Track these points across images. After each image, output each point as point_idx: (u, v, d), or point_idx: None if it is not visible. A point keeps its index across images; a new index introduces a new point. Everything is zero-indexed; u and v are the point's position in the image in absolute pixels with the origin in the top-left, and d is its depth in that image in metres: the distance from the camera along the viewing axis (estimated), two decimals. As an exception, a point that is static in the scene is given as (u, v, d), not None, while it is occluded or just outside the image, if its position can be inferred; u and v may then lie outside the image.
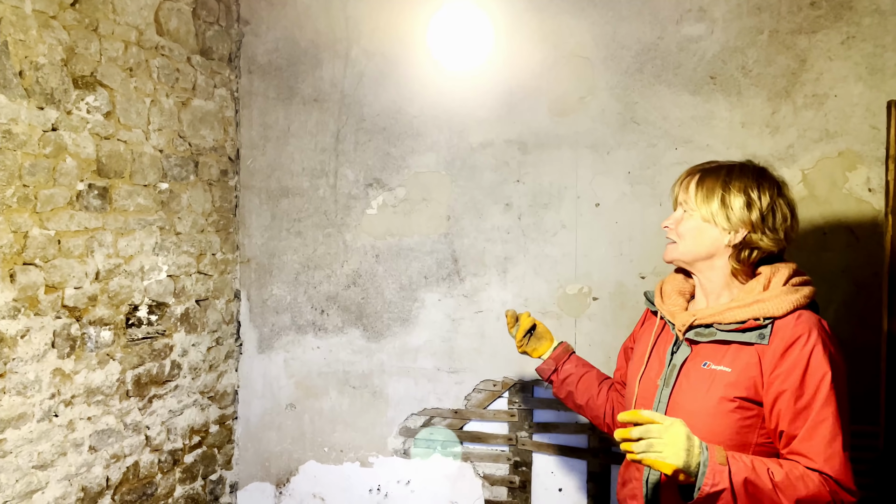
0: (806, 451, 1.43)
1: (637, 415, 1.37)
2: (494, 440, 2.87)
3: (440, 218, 2.92)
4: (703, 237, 1.61)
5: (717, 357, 1.55)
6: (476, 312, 2.88)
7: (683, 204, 1.64)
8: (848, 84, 2.55)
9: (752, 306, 1.52)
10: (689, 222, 1.63)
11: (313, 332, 3.08)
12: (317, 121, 3.04)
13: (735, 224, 1.57)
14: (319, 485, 3.09)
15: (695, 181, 1.63)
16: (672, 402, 1.57)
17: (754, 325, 1.51)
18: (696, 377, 1.56)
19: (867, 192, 2.54)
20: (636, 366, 1.73)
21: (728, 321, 1.54)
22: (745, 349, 1.53)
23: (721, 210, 1.58)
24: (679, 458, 1.33)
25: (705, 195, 1.60)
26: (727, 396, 1.51)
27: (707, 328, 1.58)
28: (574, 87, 2.77)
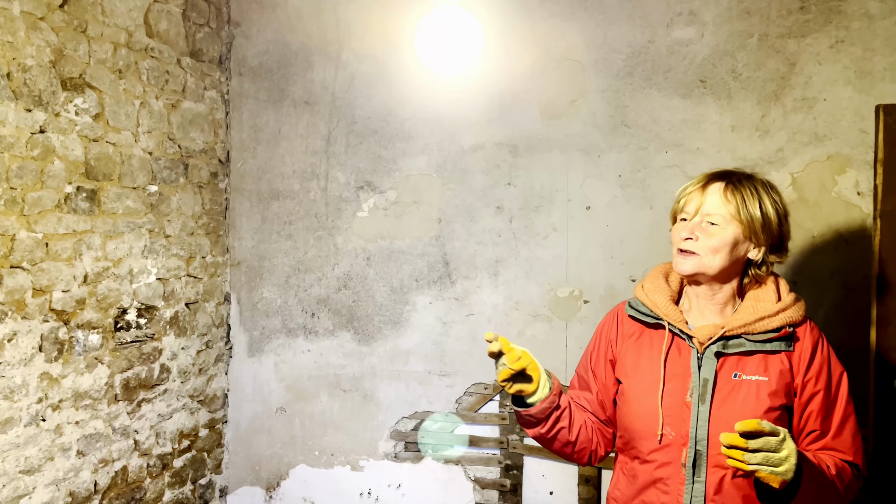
0: (839, 446, 1.53)
1: (758, 425, 1.29)
2: (486, 443, 2.86)
3: (431, 221, 2.91)
4: (736, 251, 1.55)
5: (746, 368, 1.53)
6: (467, 315, 2.88)
7: (710, 215, 1.53)
8: (837, 88, 2.56)
9: (780, 315, 1.53)
10: (721, 235, 1.53)
11: (304, 336, 3.07)
12: (307, 123, 3.04)
13: (767, 238, 1.55)
14: (310, 489, 3.08)
15: (723, 190, 1.54)
16: (714, 419, 1.50)
17: (786, 334, 1.52)
18: (734, 390, 1.51)
19: (856, 196, 2.55)
20: (646, 382, 1.60)
21: (760, 331, 1.53)
22: (772, 357, 1.53)
23: (761, 223, 1.53)
24: (791, 473, 1.32)
25: (740, 204, 1.52)
26: (773, 406, 1.50)
27: (735, 339, 1.54)
28: (565, 90, 2.77)
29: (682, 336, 1.59)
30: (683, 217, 1.59)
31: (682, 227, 1.58)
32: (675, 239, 1.60)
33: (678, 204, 1.61)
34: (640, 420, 1.60)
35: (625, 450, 1.66)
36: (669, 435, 1.55)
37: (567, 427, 1.63)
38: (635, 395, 1.61)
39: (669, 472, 1.54)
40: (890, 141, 2.01)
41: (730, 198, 1.53)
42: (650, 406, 1.57)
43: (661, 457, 1.56)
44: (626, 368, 1.65)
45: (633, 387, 1.63)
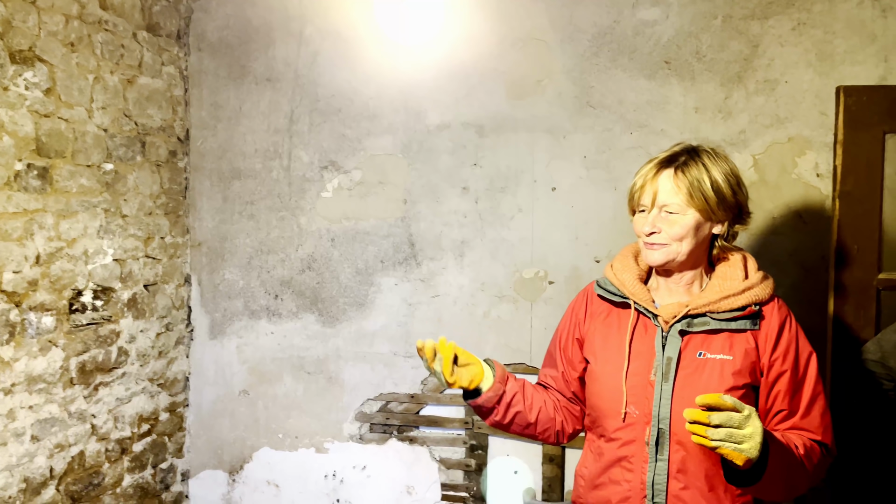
0: (807, 426, 1.52)
1: (720, 399, 1.28)
2: (451, 424, 2.87)
3: (397, 201, 2.88)
4: (700, 232, 1.56)
5: (711, 346, 1.54)
6: (433, 297, 2.86)
7: (666, 204, 1.53)
8: (798, 70, 2.59)
9: (746, 294, 1.54)
10: (682, 222, 1.53)
11: (267, 318, 3.03)
12: (270, 101, 2.97)
13: (726, 213, 1.56)
14: (274, 471, 3.05)
15: (673, 177, 1.53)
16: (677, 397, 1.51)
17: (752, 312, 1.52)
18: (698, 369, 1.52)
19: (815, 178, 2.59)
20: (612, 362, 1.60)
21: (724, 309, 1.53)
22: (737, 336, 1.53)
23: (716, 202, 1.53)
24: (756, 451, 1.30)
25: (696, 188, 1.52)
26: (736, 385, 1.51)
27: (699, 318, 1.55)
28: (531, 70, 2.75)
29: (647, 315, 1.60)
30: (641, 209, 1.59)
31: (642, 220, 1.58)
32: (637, 231, 1.60)
33: (633, 196, 1.60)
34: (605, 399, 1.61)
35: (592, 428, 1.67)
36: (633, 413, 1.56)
37: (523, 410, 1.66)
38: (601, 374, 1.62)
39: (633, 450, 1.56)
40: (849, 122, 2.04)
41: (680, 185, 1.52)
42: (615, 385, 1.58)
43: (625, 435, 1.57)
44: (594, 347, 1.66)
45: (600, 366, 1.64)
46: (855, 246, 2.06)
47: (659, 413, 1.53)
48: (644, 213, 1.58)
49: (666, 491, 1.52)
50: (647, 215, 1.57)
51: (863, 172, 2.04)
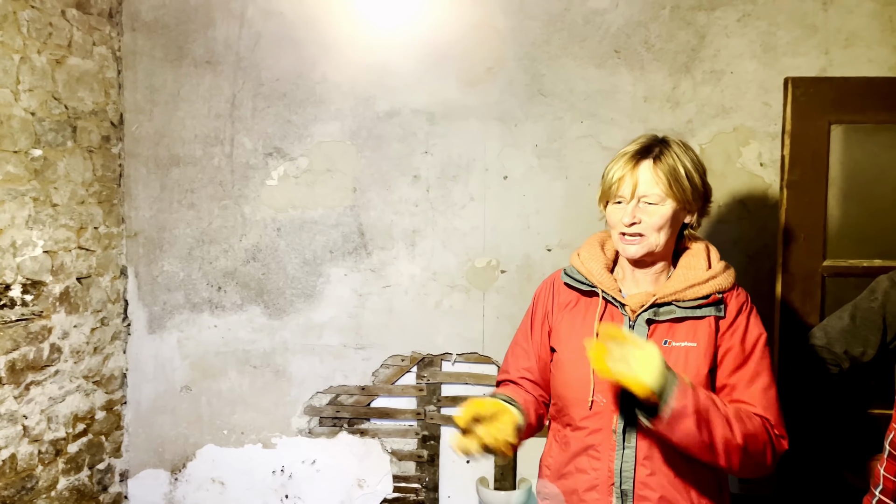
0: (747, 399, 1.52)
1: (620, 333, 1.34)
2: (403, 415, 2.83)
3: (346, 190, 2.81)
4: (675, 223, 1.59)
5: (676, 334, 1.55)
6: (384, 287, 2.81)
7: (646, 195, 1.54)
8: (743, 61, 2.64)
9: (710, 282, 1.56)
10: (661, 212, 1.55)
11: (209, 310, 2.91)
12: (210, 84, 2.84)
13: (697, 203, 1.60)
14: (218, 469, 2.95)
15: (653, 167, 1.55)
16: None
17: (716, 300, 1.55)
18: (666, 357, 1.50)
19: (759, 167, 2.65)
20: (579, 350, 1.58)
21: (690, 298, 1.55)
22: (701, 323, 1.55)
23: (691, 191, 1.57)
24: (654, 380, 1.34)
25: (674, 178, 1.54)
26: (702, 370, 1.53)
27: (665, 306, 1.57)
28: (482, 57, 2.72)
29: (615, 304, 1.60)
30: (618, 200, 1.59)
31: (620, 211, 1.58)
32: (613, 222, 1.60)
33: (610, 187, 1.59)
34: (572, 388, 1.61)
35: (558, 417, 1.67)
36: (600, 402, 1.56)
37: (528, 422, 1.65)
38: (568, 363, 1.62)
39: (600, 438, 1.56)
40: (797, 113, 2.09)
41: (660, 175, 1.54)
42: (582, 374, 1.58)
43: (592, 424, 1.57)
44: (561, 336, 1.66)
45: (567, 354, 1.63)
46: (801, 234, 2.11)
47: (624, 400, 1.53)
48: (621, 205, 1.58)
49: (633, 478, 1.53)
50: (625, 206, 1.57)
51: (809, 162, 2.09)
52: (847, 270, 2.15)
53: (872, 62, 2.55)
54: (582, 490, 1.58)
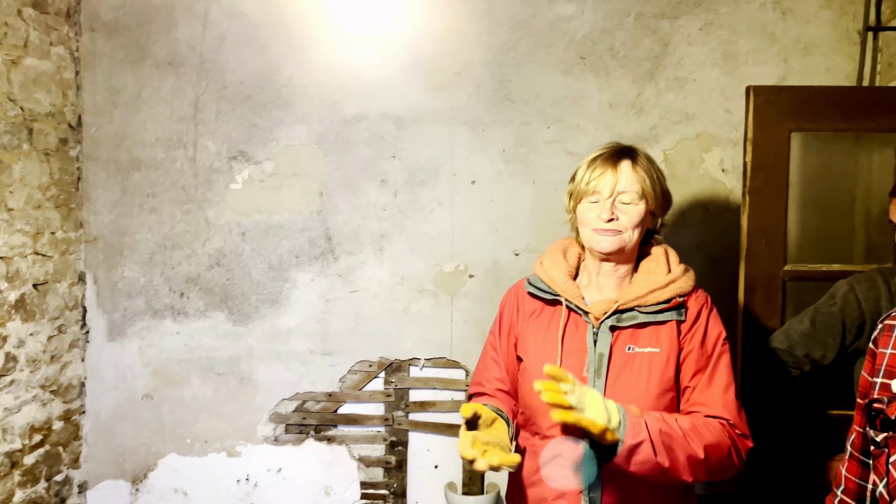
0: (704, 400, 1.54)
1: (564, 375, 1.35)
2: (370, 421, 2.81)
3: (312, 194, 2.78)
4: (645, 224, 1.63)
5: (639, 340, 1.57)
6: (351, 292, 2.79)
7: (624, 193, 1.58)
8: (706, 69, 2.69)
9: (670, 286, 1.59)
10: (637, 210, 1.59)
11: (172, 317, 2.85)
12: (172, 86, 2.79)
13: (662, 208, 1.66)
14: (181, 479, 2.89)
15: (631, 167, 1.60)
16: (609, 393, 1.53)
17: (677, 304, 1.57)
18: (628, 363, 1.55)
19: (721, 173, 2.71)
20: (545, 359, 1.60)
21: (651, 303, 1.57)
22: (663, 328, 1.58)
23: (660, 195, 1.64)
24: (603, 417, 1.36)
25: (647, 181, 1.59)
26: (665, 376, 1.55)
27: (628, 312, 1.58)
28: (450, 61, 2.72)
29: (578, 312, 1.61)
30: (595, 199, 1.61)
31: (596, 207, 1.60)
32: (588, 219, 1.62)
33: (587, 185, 1.61)
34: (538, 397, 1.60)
35: (526, 426, 1.67)
36: None
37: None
38: (534, 373, 1.61)
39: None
40: (759, 121, 2.13)
41: (638, 175, 1.59)
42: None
43: (559, 432, 1.58)
44: (527, 346, 1.66)
45: (533, 365, 1.63)
46: (763, 239, 2.16)
47: None
48: (597, 203, 1.60)
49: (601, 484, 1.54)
50: (602, 203, 1.59)
51: (770, 169, 2.14)
52: (807, 275, 2.20)
53: (830, 71, 2.63)
54: (551, 498, 1.59)
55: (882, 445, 1.13)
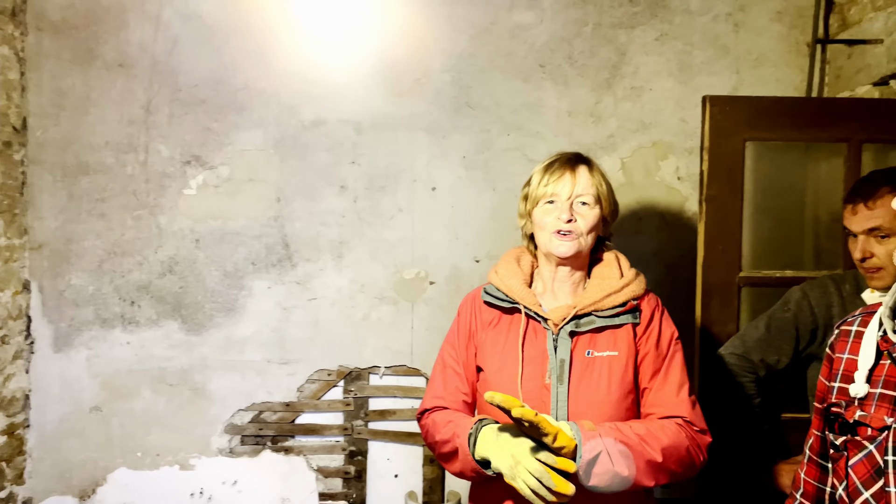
0: (659, 401, 1.57)
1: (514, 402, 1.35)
2: (329, 431, 2.77)
3: (269, 200, 2.73)
4: (598, 229, 1.66)
5: (597, 345, 1.58)
6: (310, 300, 2.75)
7: (581, 195, 1.62)
8: (661, 78, 2.73)
9: (625, 290, 1.61)
10: (593, 213, 1.63)
11: (122, 326, 2.76)
12: (123, 89, 2.70)
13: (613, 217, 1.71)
14: (132, 493, 2.79)
15: (588, 172, 1.64)
16: (573, 398, 1.54)
17: (632, 307, 1.58)
18: (589, 367, 1.56)
19: (676, 181, 2.75)
20: (506, 368, 1.61)
21: (608, 307, 1.59)
22: (620, 331, 1.60)
23: (613, 203, 1.69)
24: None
25: (600, 187, 1.64)
26: (625, 378, 1.56)
27: (586, 317, 1.60)
28: (410, 67, 2.71)
29: (537, 319, 1.62)
30: (551, 200, 1.62)
31: (554, 209, 1.61)
32: (545, 223, 1.62)
33: (545, 188, 1.62)
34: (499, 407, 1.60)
35: None
36: None
37: None
38: (496, 382, 1.61)
39: None
40: (715, 130, 2.17)
41: (595, 179, 1.63)
42: (511, 391, 1.58)
43: None
44: (486, 356, 1.65)
45: (494, 373, 1.63)
46: (719, 246, 2.20)
47: (557, 415, 1.55)
48: (554, 205, 1.61)
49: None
50: (559, 205, 1.61)
51: (726, 177, 2.18)
52: (761, 281, 2.25)
53: (780, 82, 2.70)
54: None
55: (841, 449, 1.15)
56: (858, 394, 1.13)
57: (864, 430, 1.10)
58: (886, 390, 1.10)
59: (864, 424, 1.10)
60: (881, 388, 1.11)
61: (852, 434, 1.13)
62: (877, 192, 1.80)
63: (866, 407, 1.12)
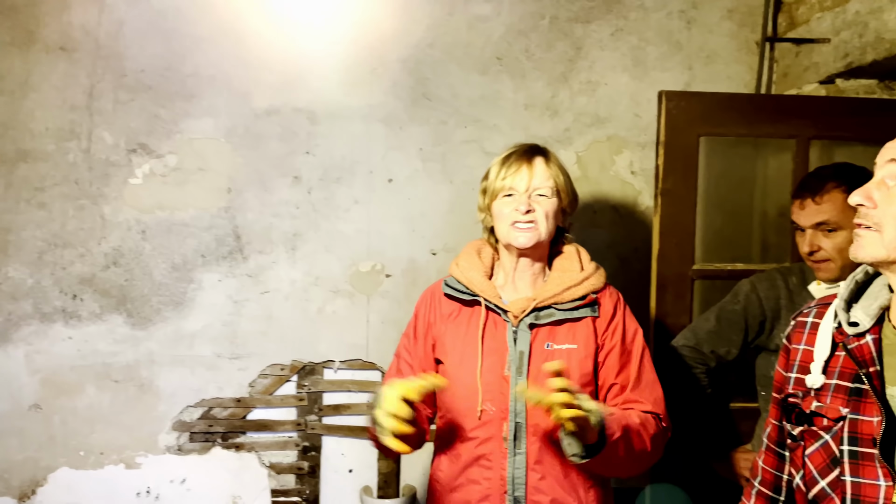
0: (638, 397, 1.60)
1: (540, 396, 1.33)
2: (282, 427, 2.71)
3: (220, 190, 2.65)
4: (557, 219, 1.67)
5: (557, 337, 1.59)
6: (262, 293, 2.68)
7: (539, 188, 1.61)
8: (616, 73, 2.76)
9: (584, 283, 1.62)
10: (551, 204, 1.63)
11: (63, 321, 2.65)
12: (65, 73, 2.59)
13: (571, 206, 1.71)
14: (74, 493, 2.69)
15: (545, 164, 1.64)
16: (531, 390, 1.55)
17: (591, 301, 1.58)
18: (548, 360, 1.54)
19: (630, 175, 2.79)
20: (465, 360, 1.60)
21: (567, 300, 1.59)
22: (579, 324, 1.60)
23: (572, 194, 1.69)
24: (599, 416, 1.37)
25: (558, 178, 1.64)
26: (585, 371, 1.57)
27: (545, 310, 1.59)
28: (366, 57, 2.66)
29: (497, 311, 1.61)
30: (510, 193, 1.62)
31: (513, 202, 1.61)
32: (504, 214, 1.62)
33: (503, 181, 1.62)
34: (460, 399, 1.60)
35: (446, 429, 1.65)
36: (490, 410, 1.57)
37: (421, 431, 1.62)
38: (455, 375, 1.61)
39: (491, 447, 1.56)
40: (670, 125, 2.20)
41: (552, 171, 1.64)
42: (470, 384, 1.58)
43: (482, 433, 1.57)
44: (446, 348, 1.65)
45: (453, 366, 1.62)
46: (674, 240, 2.24)
47: (515, 407, 1.55)
48: (513, 197, 1.61)
49: (525, 483, 1.55)
50: (518, 197, 1.60)
51: (681, 172, 2.22)
52: (713, 273, 2.30)
53: (731, 79, 2.76)
54: (475, 501, 1.58)
55: (798, 438, 1.17)
56: (814, 385, 1.15)
57: (821, 420, 1.13)
58: (842, 381, 1.13)
59: (820, 415, 1.13)
60: (836, 380, 1.13)
61: (809, 424, 1.15)
62: (824, 188, 1.85)
63: (822, 398, 1.14)
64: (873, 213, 1.08)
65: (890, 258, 1.06)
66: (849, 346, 1.12)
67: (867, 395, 1.08)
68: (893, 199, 1.06)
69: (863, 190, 1.10)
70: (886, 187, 1.08)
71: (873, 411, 1.06)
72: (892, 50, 2.11)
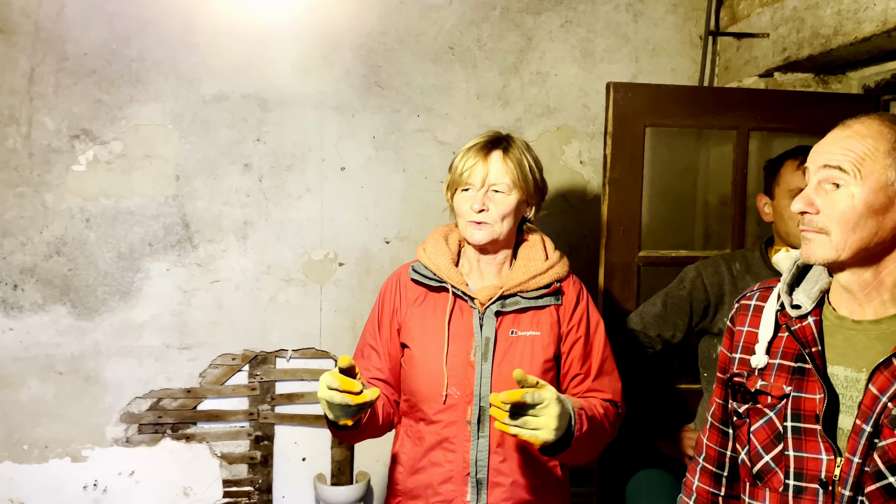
0: (599, 387, 1.65)
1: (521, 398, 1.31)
2: (234, 417, 2.69)
3: (167, 178, 2.61)
4: (518, 214, 1.66)
5: (521, 324, 1.62)
6: (212, 282, 2.65)
7: (495, 184, 1.60)
8: (566, 65, 2.81)
9: (549, 272, 1.65)
10: (507, 202, 1.61)
11: (4, 312, 2.57)
12: (3, 56, 2.50)
13: (536, 197, 1.70)
14: (18, 488, 2.62)
15: (502, 158, 1.61)
16: (496, 375, 1.57)
17: (555, 289, 1.62)
18: (512, 346, 1.59)
19: (579, 164, 2.85)
20: (431, 345, 1.62)
21: (532, 288, 1.62)
22: (542, 312, 1.63)
23: (533, 184, 1.66)
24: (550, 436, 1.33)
25: (518, 170, 1.61)
26: (547, 358, 1.60)
27: (511, 298, 1.62)
28: (318, 43, 2.65)
29: (464, 298, 1.63)
30: (466, 188, 1.63)
31: (469, 198, 1.62)
32: (462, 210, 1.63)
33: (460, 176, 1.63)
34: (425, 382, 1.62)
35: (410, 413, 1.67)
36: (455, 395, 1.59)
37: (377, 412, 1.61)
38: (421, 359, 1.63)
39: (455, 430, 1.59)
40: (618, 115, 2.26)
41: (510, 166, 1.61)
42: (435, 368, 1.60)
43: (446, 417, 1.60)
44: (412, 333, 1.66)
45: (419, 350, 1.64)
46: (621, 227, 2.30)
47: (480, 392, 1.58)
48: (469, 193, 1.62)
49: (487, 466, 1.58)
50: (474, 194, 1.61)
51: (627, 161, 2.27)
52: (658, 260, 2.37)
53: (675, 71, 2.84)
54: (437, 483, 1.60)
55: (743, 416, 1.23)
56: (759, 365, 1.21)
57: (765, 398, 1.19)
58: (785, 361, 1.19)
59: (764, 393, 1.19)
60: (780, 359, 1.20)
61: (754, 402, 1.21)
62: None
63: (766, 377, 1.20)
64: (817, 219, 1.12)
65: (840, 258, 1.12)
66: (792, 328, 1.18)
67: (810, 374, 1.14)
68: (834, 203, 1.10)
69: (803, 197, 1.14)
70: (825, 192, 1.12)
71: (815, 389, 1.13)
72: (827, 45, 2.20)
